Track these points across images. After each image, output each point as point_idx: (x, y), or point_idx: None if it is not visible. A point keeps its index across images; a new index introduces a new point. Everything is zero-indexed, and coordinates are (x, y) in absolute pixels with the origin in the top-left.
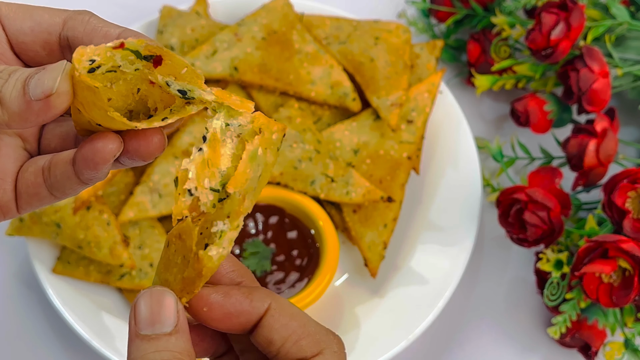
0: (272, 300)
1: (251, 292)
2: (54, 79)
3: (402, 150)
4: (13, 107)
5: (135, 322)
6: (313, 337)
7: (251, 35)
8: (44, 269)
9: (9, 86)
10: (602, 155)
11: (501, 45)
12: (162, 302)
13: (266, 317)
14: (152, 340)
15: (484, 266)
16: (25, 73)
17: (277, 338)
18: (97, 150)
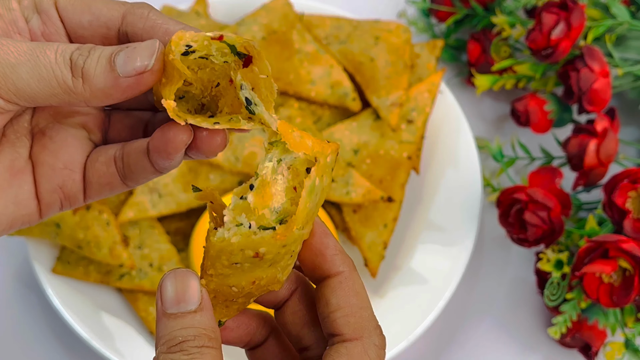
0: (348, 269)
1: (341, 250)
2: (149, 56)
3: (402, 150)
4: (98, 83)
5: (161, 302)
6: (362, 321)
7: (251, 35)
8: (43, 269)
9: (91, 62)
10: (602, 155)
11: (501, 45)
12: (186, 282)
13: (334, 279)
14: (178, 318)
15: (484, 266)
16: (108, 50)
17: (334, 302)
18: (169, 140)
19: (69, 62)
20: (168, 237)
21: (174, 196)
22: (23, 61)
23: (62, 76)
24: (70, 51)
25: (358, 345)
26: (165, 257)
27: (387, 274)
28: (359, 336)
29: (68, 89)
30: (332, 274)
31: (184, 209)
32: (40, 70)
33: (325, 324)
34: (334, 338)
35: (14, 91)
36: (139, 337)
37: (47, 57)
